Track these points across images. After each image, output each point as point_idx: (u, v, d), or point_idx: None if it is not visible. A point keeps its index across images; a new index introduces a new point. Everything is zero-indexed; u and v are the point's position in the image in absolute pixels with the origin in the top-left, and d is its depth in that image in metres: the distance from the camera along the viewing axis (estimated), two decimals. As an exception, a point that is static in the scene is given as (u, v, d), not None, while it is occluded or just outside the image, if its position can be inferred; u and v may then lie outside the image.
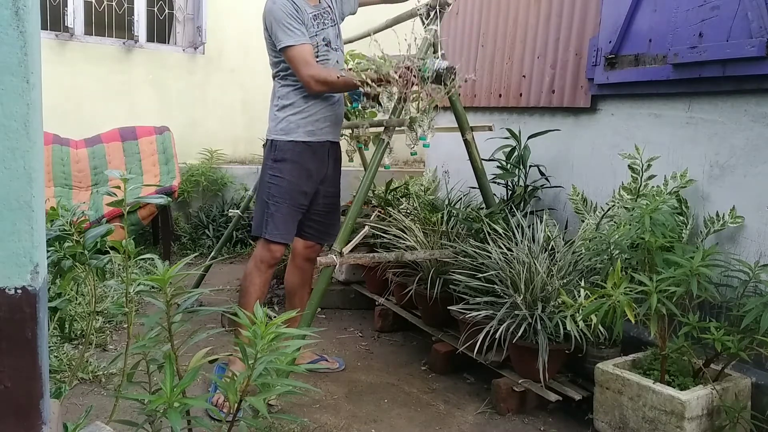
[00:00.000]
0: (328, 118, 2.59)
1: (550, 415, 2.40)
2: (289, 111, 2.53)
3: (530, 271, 2.41)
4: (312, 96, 2.51)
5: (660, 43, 2.54)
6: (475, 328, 2.42)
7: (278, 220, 2.51)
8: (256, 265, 2.52)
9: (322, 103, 2.56)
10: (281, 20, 2.39)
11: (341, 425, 2.27)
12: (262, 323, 1.33)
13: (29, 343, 0.91)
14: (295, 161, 2.53)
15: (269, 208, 2.52)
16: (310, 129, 2.54)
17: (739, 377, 2.10)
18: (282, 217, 2.52)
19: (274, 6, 2.42)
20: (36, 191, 0.89)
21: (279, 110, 2.55)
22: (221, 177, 5.13)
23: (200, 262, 4.17)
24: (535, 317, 2.33)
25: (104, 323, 3.06)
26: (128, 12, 5.06)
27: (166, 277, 1.41)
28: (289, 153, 2.52)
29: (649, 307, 1.91)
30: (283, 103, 2.54)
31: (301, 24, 2.43)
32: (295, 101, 2.52)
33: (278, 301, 3.62)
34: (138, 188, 1.75)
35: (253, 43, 5.35)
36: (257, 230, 2.57)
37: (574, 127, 3.08)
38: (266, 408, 1.31)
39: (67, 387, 1.59)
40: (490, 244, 2.57)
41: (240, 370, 1.47)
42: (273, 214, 2.52)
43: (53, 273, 1.58)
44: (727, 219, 2.25)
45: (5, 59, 0.84)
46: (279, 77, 2.57)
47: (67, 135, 4.54)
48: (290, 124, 2.52)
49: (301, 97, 2.52)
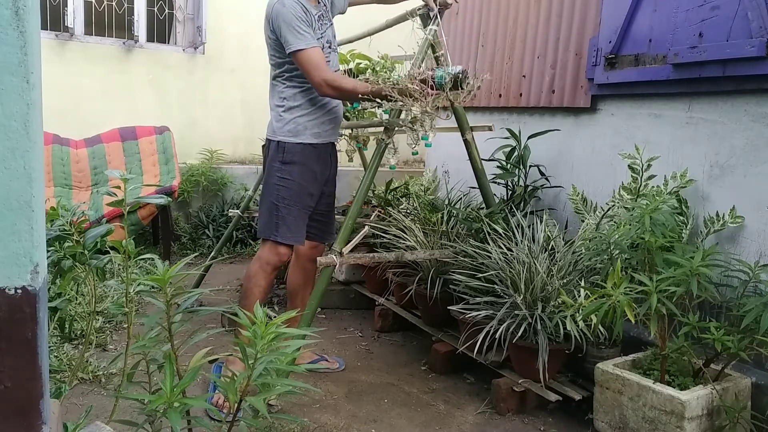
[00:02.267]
0: (332, 119, 2.61)
1: (550, 415, 2.40)
2: (297, 113, 2.52)
3: (530, 270, 2.41)
4: (319, 98, 2.52)
5: (660, 43, 2.54)
6: (475, 328, 2.42)
7: (290, 223, 2.50)
8: (262, 267, 2.50)
9: (328, 105, 2.57)
10: (291, 23, 2.37)
11: (341, 425, 2.27)
12: (262, 323, 1.33)
13: (29, 343, 0.91)
14: (304, 163, 2.53)
15: (279, 211, 2.49)
16: (316, 131, 2.55)
17: (739, 377, 2.10)
18: (293, 220, 2.51)
19: (283, 9, 2.38)
20: (36, 191, 0.89)
21: (285, 111, 2.52)
22: (221, 177, 5.13)
23: (200, 262, 4.17)
24: (535, 317, 2.33)
25: (104, 323, 3.06)
26: (128, 12, 5.06)
27: (166, 277, 1.41)
28: (297, 155, 2.51)
29: (649, 307, 1.91)
30: (290, 105, 2.52)
31: (309, 26, 2.42)
32: (302, 103, 2.52)
33: (278, 301, 3.62)
34: (138, 188, 1.75)
35: (253, 43, 5.35)
36: (266, 233, 2.52)
37: (574, 127, 3.08)
38: (266, 408, 1.31)
39: (67, 387, 1.59)
40: (490, 244, 2.57)
41: (240, 370, 1.47)
42: (284, 217, 2.49)
43: (53, 273, 1.58)
44: (727, 219, 2.25)
45: (5, 59, 0.84)
46: (283, 78, 2.53)
47: (67, 135, 4.54)
48: (298, 126, 2.51)
49: (308, 99, 2.51)
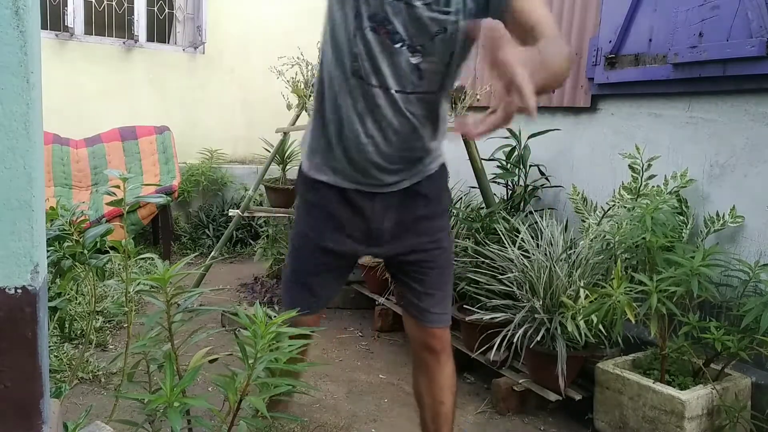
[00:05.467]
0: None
1: (550, 415, 2.40)
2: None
3: (549, 274, 2.41)
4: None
5: (660, 43, 2.54)
6: (491, 331, 2.41)
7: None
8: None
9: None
10: None
11: (341, 425, 2.27)
12: (262, 323, 1.33)
13: (29, 343, 0.91)
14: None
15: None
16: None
17: (739, 377, 2.10)
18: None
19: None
20: (36, 191, 0.89)
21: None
22: (221, 177, 5.13)
23: (200, 261, 4.17)
24: (554, 323, 2.32)
25: (104, 323, 3.06)
26: (128, 12, 5.06)
27: (166, 277, 1.41)
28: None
29: (650, 307, 1.91)
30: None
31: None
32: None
33: (278, 300, 3.62)
34: (138, 188, 1.75)
35: (253, 43, 5.36)
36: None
37: (574, 127, 3.08)
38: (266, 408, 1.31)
39: (67, 387, 1.59)
40: (488, 244, 2.57)
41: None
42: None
43: (53, 273, 1.57)
44: (727, 219, 2.25)
45: (5, 59, 0.84)
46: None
47: (67, 135, 4.54)
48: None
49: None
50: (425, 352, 1.73)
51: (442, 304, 1.69)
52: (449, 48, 1.41)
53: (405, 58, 1.41)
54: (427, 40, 1.39)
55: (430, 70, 1.43)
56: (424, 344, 1.72)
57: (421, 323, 1.68)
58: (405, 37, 1.39)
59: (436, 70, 1.44)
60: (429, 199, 1.64)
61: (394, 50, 1.40)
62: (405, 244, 1.64)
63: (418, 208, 1.63)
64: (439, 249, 1.67)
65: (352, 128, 1.50)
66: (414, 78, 1.43)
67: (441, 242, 1.67)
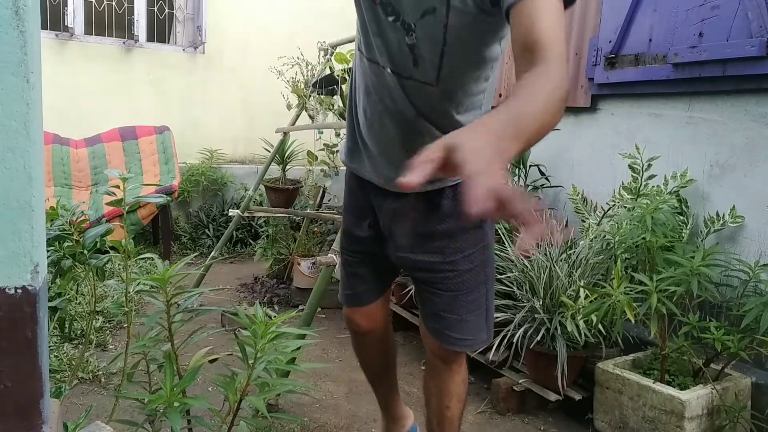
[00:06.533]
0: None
1: (550, 415, 2.40)
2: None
3: (538, 268, 2.41)
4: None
5: (660, 43, 2.54)
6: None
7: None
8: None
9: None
10: None
11: (341, 425, 2.27)
12: (262, 323, 1.33)
13: (29, 343, 0.91)
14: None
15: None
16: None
17: (739, 377, 2.10)
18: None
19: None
20: (36, 191, 0.89)
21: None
22: (221, 177, 5.13)
23: (200, 261, 4.17)
24: (554, 322, 2.33)
25: (104, 323, 3.06)
26: (128, 12, 5.06)
27: (166, 277, 1.41)
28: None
29: (650, 307, 1.91)
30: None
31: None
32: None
33: (278, 300, 3.62)
34: (138, 188, 1.75)
35: (253, 43, 5.36)
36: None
37: (574, 127, 3.08)
38: (266, 408, 1.31)
39: (67, 387, 1.59)
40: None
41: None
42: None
43: (53, 273, 1.58)
44: (727, 219, 2.25)
45: (5, 59, 0.84)
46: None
47: (67, 135, 4.54)
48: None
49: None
50: (436, 360, 1.66)
51: (458, 327, 1.51)
52: (438, 35, 1.24)
53: (399, 37, 1.28)
54: (417, 17, 1.23)
55: (425, 58, 1.28)
56: (435, 354, 1.64)
57: (434, 338, 1.57)
58: (397, 9, 1.25)
59: (431, 60, 1.28)
60: (448, 215, 1.45)
61: (387, 24, 1.28)
62: (412, 259, 1.51)
63: (434, 223, 1.46)
64: (453, 272, 1.47)
65: (357, 105, 1.46)
66: (409, 63, 1.30)
67: (456, 265, 1.47)
